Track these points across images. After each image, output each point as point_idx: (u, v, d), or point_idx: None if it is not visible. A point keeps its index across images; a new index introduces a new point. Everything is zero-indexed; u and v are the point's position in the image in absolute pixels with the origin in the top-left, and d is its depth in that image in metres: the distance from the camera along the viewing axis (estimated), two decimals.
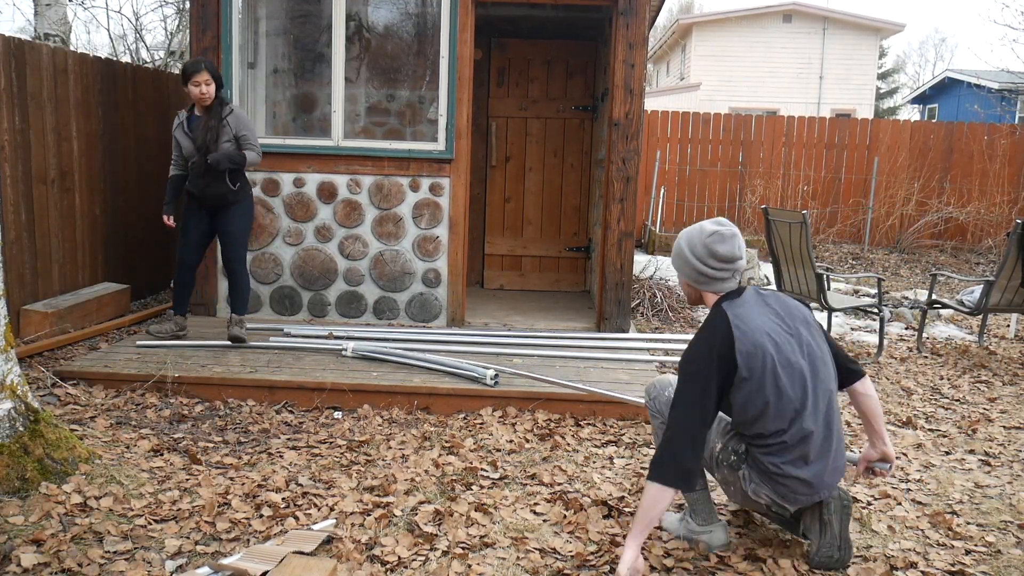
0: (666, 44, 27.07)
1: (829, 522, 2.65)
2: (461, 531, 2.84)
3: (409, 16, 6.44)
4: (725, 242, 2.56)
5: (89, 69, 5.70)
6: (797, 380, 2.50)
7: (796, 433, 2.51)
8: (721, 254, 2.56)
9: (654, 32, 26.02)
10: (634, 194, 5.58)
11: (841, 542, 2.66)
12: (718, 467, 2.72)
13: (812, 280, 5.69)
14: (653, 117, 11.85)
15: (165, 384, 4.26)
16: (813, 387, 2.53)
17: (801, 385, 2.50)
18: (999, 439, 4.17)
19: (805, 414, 2.50)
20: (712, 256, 2.57)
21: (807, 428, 2.51)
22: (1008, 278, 5.66)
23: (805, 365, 2.52)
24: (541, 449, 3.74)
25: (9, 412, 2.97)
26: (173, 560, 2.59)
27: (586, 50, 7.23)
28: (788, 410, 2.49)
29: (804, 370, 2.51)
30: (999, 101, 17.20)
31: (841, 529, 2.66)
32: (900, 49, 52.79)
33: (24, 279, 5.07)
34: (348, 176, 5.63)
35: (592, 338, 5.36)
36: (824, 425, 2.55)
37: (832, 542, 2.65)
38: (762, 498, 2.65)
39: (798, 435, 2.51)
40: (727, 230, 2.58)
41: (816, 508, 2.68)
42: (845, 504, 2.66)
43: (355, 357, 4.73)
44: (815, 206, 11.63)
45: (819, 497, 2.60)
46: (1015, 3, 23.40)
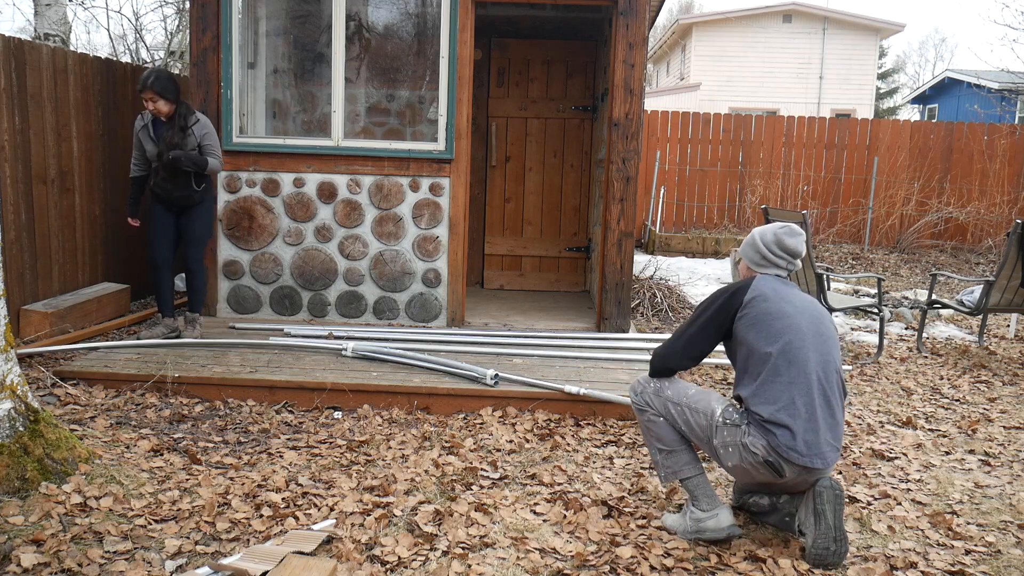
0: (666, 44, 27.07)
1: (823, 512, 2.68)
2: (461, 531, 2.84)
3: (409, 16, 6.45)
4: (793, 236, 2.92)
5: (89, 69, 5.70)
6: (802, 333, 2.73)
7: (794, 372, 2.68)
8: (787, 245, 2.90)
9: (654, 32, 26.03)
10: (634, 194, 5.58)
11: (836, 533, 2.68)
12: (718, 431, 2.78)
13: (812, 280, 5.69)
14: (653, 117, 11.85)
15: (165, 384, 4.26)
16: (817, 350, 2.73)
17: (804, 338, 2.73)
18: (999, 439, 4.17)
19: (805, 364, 2.69)
20: (778, 244, 2.91)
21: (809, 384, 2.68)
22: (1008, 278, 5.66)
23: (813, 333, 2.75)
24: (541, 449, 3.74)
25: (9, 412, 2.97)
26: (173, 560, 2.59)
27: (586, 50, 7.23)
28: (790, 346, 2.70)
29: (810, 335, 2.74)
30: (999, 101, 17.20)
31: (835, 519, 2.68)
32: (900, 49, 52.81)
33: (24, 279, 5.07)
34: (348, 176, 5.63)
35: (592, 338, 5.36)
36: (822, 394, 2.71)
37: (827, 533, 2.67)
38: (758, 451, 2.68)
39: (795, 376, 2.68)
40: (798, 229, 2.95)
41: (809, 499, 2.72)
42: (837, 494, 2.70)
43: (355, 357, 4.73)
44: (815, 206, 11.64)
45: (810, 463, 2.65)
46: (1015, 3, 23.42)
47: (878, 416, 4.48)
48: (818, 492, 2.69)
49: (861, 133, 11.79)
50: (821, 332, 2.78)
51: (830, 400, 2.72)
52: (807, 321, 2.77)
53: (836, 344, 2.84)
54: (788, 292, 2.85)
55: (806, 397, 2.67)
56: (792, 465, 2.67)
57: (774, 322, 2.75)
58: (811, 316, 2.80)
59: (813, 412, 2.67)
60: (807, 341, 2.73)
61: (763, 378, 2.72)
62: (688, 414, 2.86)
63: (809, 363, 2.70)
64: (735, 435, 2.74)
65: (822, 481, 2.71)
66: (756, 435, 2.70)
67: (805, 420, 2.66)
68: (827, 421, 2.70)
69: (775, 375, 2.70)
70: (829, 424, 2.70)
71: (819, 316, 2.83)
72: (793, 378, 2.69)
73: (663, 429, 2.92)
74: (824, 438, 2.68)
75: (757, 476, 2.78)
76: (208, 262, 5.69)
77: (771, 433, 2.67)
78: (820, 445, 2.66)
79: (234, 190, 5.65)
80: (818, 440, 2.66)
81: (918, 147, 11.69)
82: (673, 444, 2.91)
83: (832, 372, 2.76)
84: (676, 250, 10.81)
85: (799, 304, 2.81)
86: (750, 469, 2.75)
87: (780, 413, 2.66)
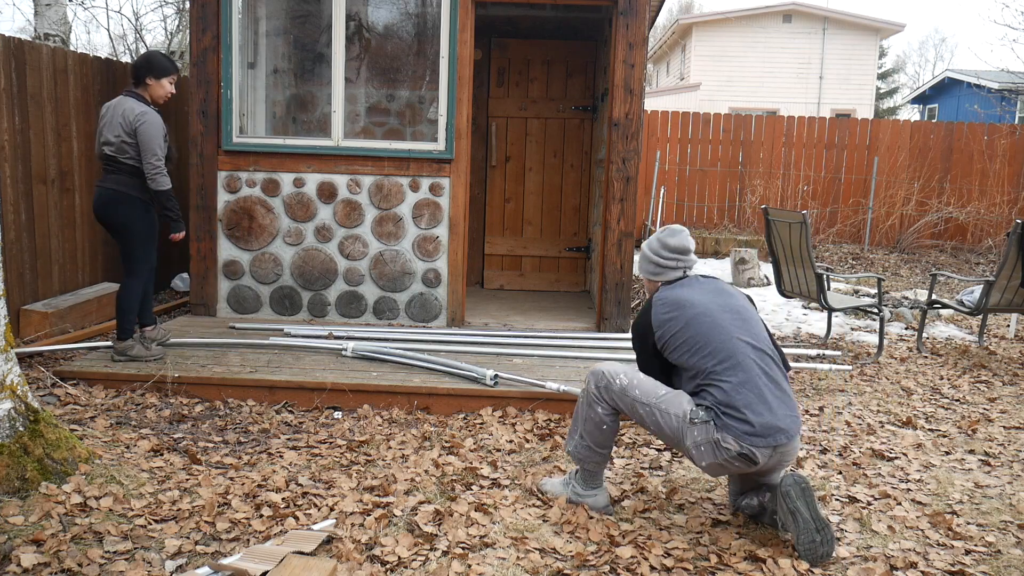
0: (666, 44, 27.07)
1: (796, 509, 2.72)
2: (461, 531, 2.84)
3: (409, 16, 6.45)
4: (675, 236, 3.02)
5: (89, 69, 5.70)
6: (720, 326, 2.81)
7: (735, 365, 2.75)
8: (670, 244, 3.00)
9: (654, 32, 26.03)
10: (634, 194, 5.58)
11: (816, 524, 2.71)
12: (690, 429, 2.79)
13: (812, 280, 5.69)
14: (653, 117, 11.85)
15: (165, 384, 4.26)
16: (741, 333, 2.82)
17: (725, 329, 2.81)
18: (999, 439, 4.17)
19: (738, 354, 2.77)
20: (663, 247, 3.01)
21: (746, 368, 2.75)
22: (1008, 278, 5.66)
23: (728, 317, 2.85)
24: (541, 449, 3.74)
25: (9, 412, 2.97)
26: (173, 560, 2.59)
27: (586, 50, 7.23)
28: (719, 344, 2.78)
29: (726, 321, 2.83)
30: (999, 101, 17.20)
31: (811, 512, 2.72)
32: (900, 49, 52.82)
33: (24, 279, 5.07)
34: (348, 176, 5.63)
35: (592, 338, 5.36)
36: (764, 374, 2.78)
37: (807, 526, 2.71)
38: (731, 446, 2.71)
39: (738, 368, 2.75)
40: (677, 227, 3.06)
41: (780, 500, 2.77)
42: (804, 487, 2.74)
43: (355, 357, 4.73)
44: (815, 206, 11.64)
45: (775, 442, 2.70)
46: (1015, 3, 23.43)
47: (878, 416, 4.48)
48: (784, 492, 2.75)
49: (861, 133, 11.79)
50: (739, 314, 2.87)
51: (773, 376, 2.80)
52: (722, 312, 2.85)
53: (757, 319, 2.93)
54: (688, 295, 2.91)
55: (751, 386, 2.74)
56: (761, 450, 2.72)
57: (692, 333, 2.81)
58: (721, 304, 2.88)
59: (763, 396, 2.73)
60: (728, 330, 2.81)
61: (704, 382, 2.79)
62: (658, 416, 2.85)
63: (740, 352, 2.78)
64: (706, 432, 2.76)
65: (785, 480, 2.77)
66: (723, 429, 2.74)
67: (757, 406, 2.72)
68: (777, 397, 2.76)
69: (714, 375, 2.77)
70: (780, 399, 2.77)
71: (729, 300, 2.91)
72: (730, 369, 2.75)
73: (603, 433, 3.00)
74: (779, 414, 2.74)
75: (732, 469, 2.82)
76: (208, 262, 5.70)
77: (734, 421, 2.72)
78: (777, 423, 2.72)
79: (234, 190, 5.65)
80: (775, 419, 2.72)
81: (918, 147, 11.69)
82: (601, 447, 3.02)
83: (764, 349, 2.84)
84: None
85: (704, 300, 2.88)
86: (725, 464, 2.78)
87: (731, 408, 2.72)
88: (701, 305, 2.86)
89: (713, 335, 2.79)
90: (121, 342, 4.48)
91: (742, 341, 2.80)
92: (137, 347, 4.51)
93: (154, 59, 4.45)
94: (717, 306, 2.87)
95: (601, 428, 2.99)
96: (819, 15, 23.54)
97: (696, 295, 2.90)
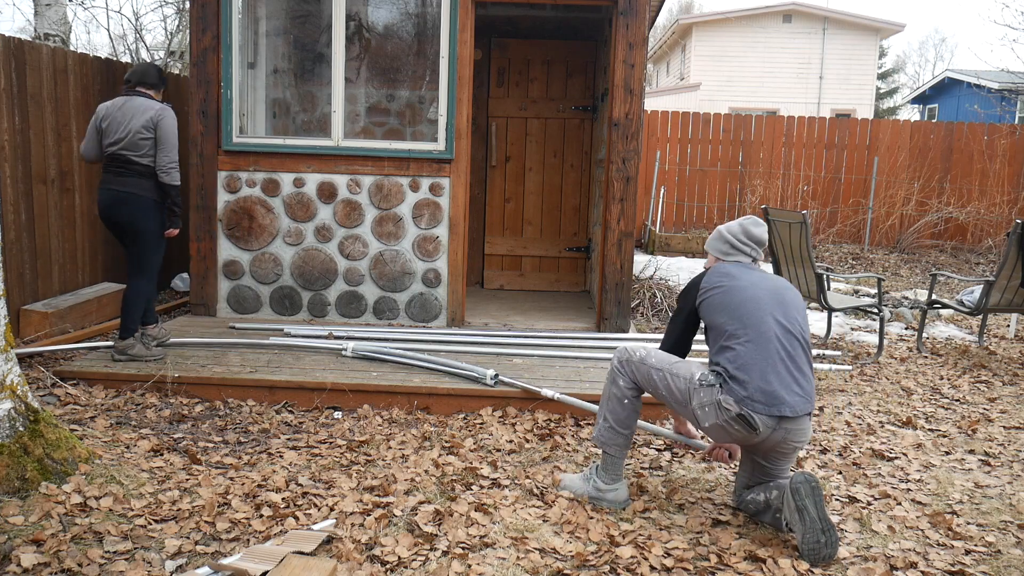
0: (666, 44, 27.07)
1: (804, 507, 2.73)
2: (461, 531, 2.84)
3: (409, 16, 6.45)
4: (758, 226, 3.15)
5: (89, 69, 5.70)
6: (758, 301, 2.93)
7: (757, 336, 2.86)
8: (752, 233, 3.13)
9: (654, 32, 26.04)
10: (634, 194, 5.58)
11: (822, 524, 2.71)
12: (696, 391, 2.92)
13: (812, 280, 5.69)
14: (653, 117, 11.85)
15: (165, 384, 4.26)
16: (776, 313, 2.92)
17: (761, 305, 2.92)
18: (999, 439, 4.17)
19: (763, 325, 2.88)
20: (744, 233, 3.14)
21: (767, 340, 2.85)
22: (1008, 278, 5.66)
23: (769, 298, 2.95)
24: (541, 449, 3.74)
25: (9, 412, 2.97)
26: (173, 560, 2.59)
27: (586, 50, 7.23)
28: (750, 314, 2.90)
29: (766, 300, 2.94)
30: (999, 101, 17.20)
31: (818, 511, 2.73)
32: (900, 49, 52.81)
33: (24, 279, 5.07)
34: (348, 176, 5.63)
35: (592, 338, 5.36)
36: (782, 348, 2.87)
37: (813, 525, 2.71)
38: (732, 407, 2.81)
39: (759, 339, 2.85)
40: (761, 222, 3.18)
41: (789, 497, 2.77)
42: (814, 486, 2.76)
43: (355, 357, 4.73)
44: (815, 206, 11.64)
45: (778, 411, 2.78)
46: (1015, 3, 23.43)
47: (878, 416, 4.48)
48: (794, 489, 2.76)
49: (861, 133, 11.79)
50: (783, 300, 2.98)
51: (793, 356, 2.88)
52: (766, 292, 2.97)
53: (802, 311, 3.02)
54: (749, 272, 3.05)
55: (767, 356, 2.83)
56: (761, 417, 2.79)
57: (731, 300, 2.96)
58: (773, 287, 3.00)
59: (775, 368, 2.82)
60: (764, 307, 2.92)
61: (725, 343, 2.92)
62: (669, 379, 3.01)
63: (766, 324, 2.88)
64: (711, 395, 2.88)
65: (795, 477, 2.78)
66: (728, 393, 2.85)
67: (767, 375, 2.81)
68: (791, 373, 2.85)
69: (735, 339, 2.89)
70: (793, 376, 2.85)
71: (782, 287, 3.03)
72: (751, 338, 2.87)
73: (624, 408, 3.12)
74: (787, 387, 2.82)
75: (734, 434, 2.88)
76: (208, 262, 5.70)
77: (741, 386, 2.82)
78: (782, 394, 2.80)
79: (234, 190, 5.65)
80: (781, 390, 2.80)
81: (918, 147, 11.69)
82: (622, 426, 3.12)
83: (794, 333, 2.92)
84: (676, 250, 10.81)
85: (759, 280, 3.02)
86: (726, 427, 2.86)
87: (739, 370, 2.84)
88: (748, 281, 3.01)
89: (748, 306, 2.93)
90: (122, 341, 4.48)
91: (773, 318, 2.91)
92: (138, 346, 4.51)
93: (157, 71, 4.57)
94: (764, 287, 3.00)
95: (623, 403, 3.12)
96: (819, 15, 23.54)
97: (749, 275, 3.05)
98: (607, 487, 3.12)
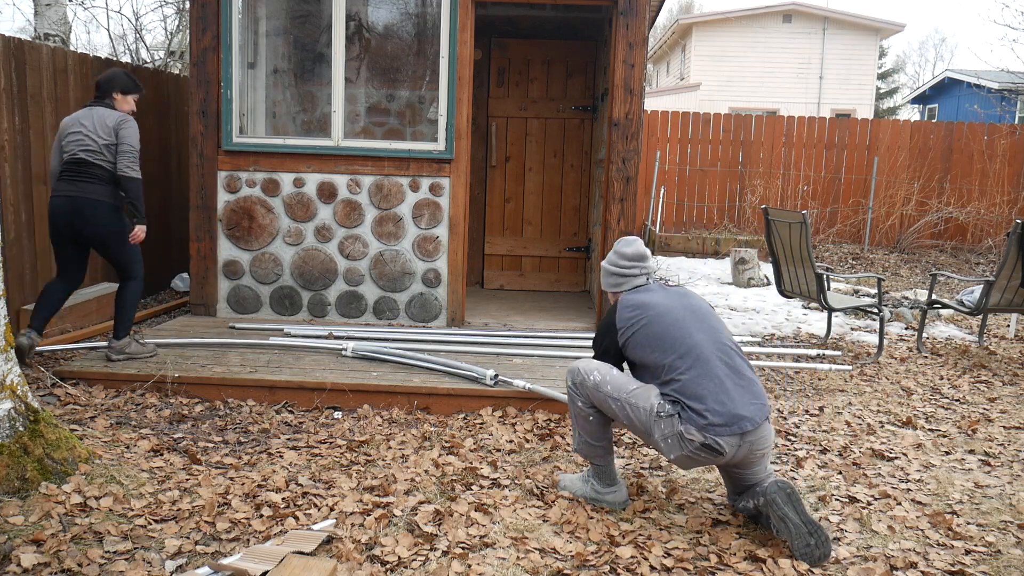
0: (666, 44, 27.07)
1: (785, 516, 2.74)
2: (461, 531, 2.84)
3: (409, 16, 6.45)
4: (630, 245, 3.16)
5: (89, 69, 5.70)
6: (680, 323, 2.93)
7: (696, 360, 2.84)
8: (628, 253, 3.13)
9: (654, 32, 26.03)
10: (634, 194, 5.58)
11: (808, 527, 2.72)
12: (656, 422, 2.87)
13: (812, 280, 5.69)
14: (653, 117, 11.85)
15: (165, 384, 4.26)
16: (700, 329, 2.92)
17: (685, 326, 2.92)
18: (999, 439, 4.17)
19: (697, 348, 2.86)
20: (621, 257, 3.14)
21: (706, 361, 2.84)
22: (1008, 278, 5.66)
23: (688, 315, 2.96)
24: (541, 449, 3.74)
25: (9, 412, 2.97)
26: (173, 560, 2.59)
27: (586, 50, 7.23)
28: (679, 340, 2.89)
29: (686, 318, 2.95)
30: (999, 101, 17.19)
31: (800, 516, 2.73)
32: (900, 49, 52.82)
33: (24, 279, 5.07)
34: (348, 176, 5.63)
35: (592, 338, 5.35)
36: (724, 364, 2.86)
37: (799, 531, 2.72)
38: (695, 437, 2.77)
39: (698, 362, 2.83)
40: (630, 238, 3.20)
41: (771, 508, 2.77)
42: (789, 492, 2.76)
43: (355, 357, 4.73)
44: (815, 206, 11.64)
45: (740, 429, 2.75)
46: (1015, 3, 23.42)
47: (878, 416, 4.48)
48: (771, 501, 2.76)
49: (861, 133, 11.79)
50: (698, 312, 2.99)
51: (734, 366, 2.87)
52: (682, 310, 2.97)
53: (718, 319, 3.04)
54: (654, 294, 3.04)
55: (711, 376, 2.81)
56: (725, 439, 2.76)
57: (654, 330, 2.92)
58: (683, 304, 3.01)
59: (723, 386, 2.80)
60: (688, 327, 2.91)
61: (667, 377, 2.87)
62: (628, 410, 2.94)
63: (699, 346, 2.87)
64: (672, 426, 2.83)
65: (769, 488, 2.77)
66: (688, 422, 2.80)
67: (718, 395, 2.78)
68: (740, 386, 2.83)
69: (675, 371, 2.85)
70: (742, 387, 2.83)
71: (690, 301, 3.04)
72: (691, 364, 2.83)
73: (591, 424, 3.08)
74: (741, 402, 2.79)
75: (700, 461, 2.86)
76: (208, 262, 5.70)
77: (698, 415, 2.77)
78: (739, 411, 2.77)
79: (234, 190, 5.65)
80: (736, 408, 2.77)
81: (918, 147, 11.69)
82: (596, 439, 3.10)
83: (725, 342, 2.94)
84: (676, 250, 10.81)
85: (669, 300, 3.01)
86: (692, 456, 2.83)
87: (692, 400, 2.79)
88: (663, 305, 2.99)
89: (673, 331, 2.91)
90: (118, 341, 4.48)
91: (701, 335, 2.90)
92: (134, 344, 4.53)
93: (121, 76, 4.44)
94: (678, 306, 2.99)
95: (588, 420, 3.08)
96: (819, 15, 23.54)
97: (658, 297, 3.03)
98: (605, 490, 3.13)
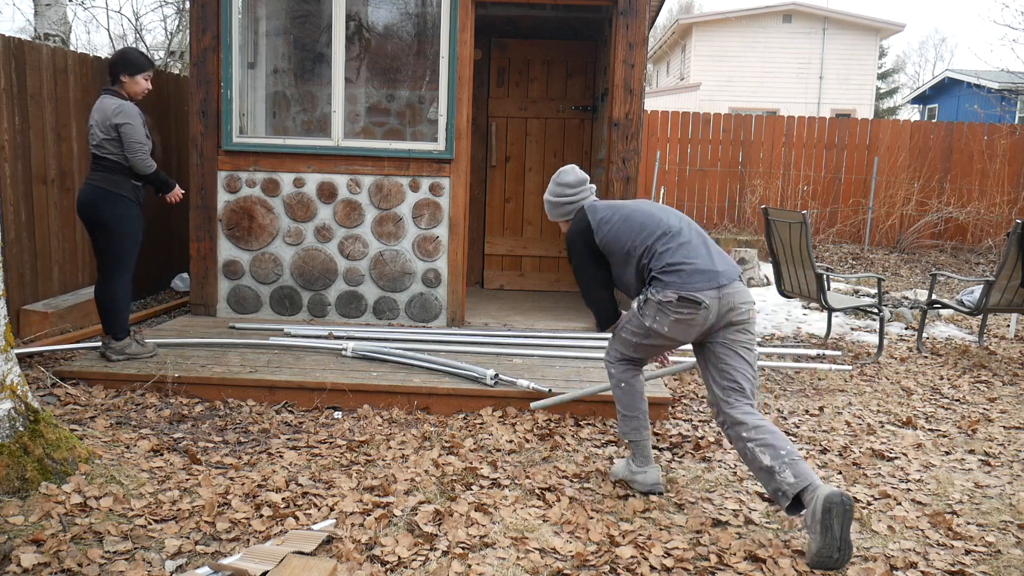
0: (666, 44, 27.07)
1: (830, 526, 2.62)
2: (461, 531, 2.84)
3: (409, 16, 6.45)
4: (567, 174, 3.36)
5: (89, 69, 5.70)
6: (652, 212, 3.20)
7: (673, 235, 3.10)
8: (569, 181, 3.34)
9: (654, 32, 26.03)
10: (634, 194, 5.58)
11: (841, 543, 2.63)
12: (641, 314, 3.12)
13: (812, 280, 5.69)
14: (653, 117, 11.85)
15: (165, 384, 4.26)
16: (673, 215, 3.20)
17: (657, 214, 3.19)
18: (999, 439, 4.17)
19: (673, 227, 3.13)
20: (564, 186, 3.34)
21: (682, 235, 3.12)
22: (1008, 278, 5.66)
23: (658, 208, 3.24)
24: (541, 449, 3.74)
25: (9, 412, 2.97)
26: (173, 560, 2.59)
27: (586, 50, 7.23)
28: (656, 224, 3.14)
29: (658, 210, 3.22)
30: (999, 101, 17.19)
31: (842, 531, 2.63)
32: (900, 49, 52.82)
33: (24, 279, 5.07)
34: (348, 176, 5.63)
35: (592, 338, 5.36)
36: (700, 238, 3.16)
37: (832, 543, 2.63)
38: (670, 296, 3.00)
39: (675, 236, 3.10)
40: (566, 167, 3.39)
41: (819, 509, 2.64)
42: (847, 508, 2.63)
43: (355, 357, 4.73)
44: (815, 206, 11.63)
45: (715, 282, 3.00)
46: (1015, 3, 23.42)
47: (878, 416, 4.48)
48: (827, 507, 2.63)
49: (861, 133, 11.79)
50: (667, 208, 3.27)
51: (707, 242, 3.16)
52: (650, 205, 3.26)
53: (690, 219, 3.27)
54: (616, 202, 3.32)
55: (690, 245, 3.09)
56: (704, 292, 2.98)
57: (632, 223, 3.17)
58: (651, 203, 3.29)
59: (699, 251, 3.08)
60: (658, 214, 3.18)
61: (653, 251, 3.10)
62: (628, 328, 3.20)
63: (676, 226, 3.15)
64: (650, 306, 3.08)
65: (832, 495, 2.64)
66: (673, 287, 3.01)
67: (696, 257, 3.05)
68: (715, 252, 3.12)
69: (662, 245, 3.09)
70: (717, 254, 3.12)
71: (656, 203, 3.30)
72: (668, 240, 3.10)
73: (623, 393, 3.29)
74: (716, 263, 3.07)
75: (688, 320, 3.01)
76: (208, 262, 5.70)
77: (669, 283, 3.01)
78: (715, 267, 3.04)
79: (234, 190, 5.65)
80: (713, 265, 3.05)
81: (918, 147, 11.69)
82: (629, 410, 3.29)
83: (696, 226, 3.22)
84: None
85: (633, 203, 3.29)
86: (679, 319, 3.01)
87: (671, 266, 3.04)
88: (634, 202, 3.28)
89: (650, 220, 3.16)
90: (119, 341, 4.47)
91: (674, 219, 3.18)
92: (134, 344, 4.52)
93: (128, 55, 4.36)
94: (648, 203, 3.29)
95: (620, 388, 3.29)
96: (819, 15, 23.54)
97: (622, 201, 3.31)
98: (638, 470, 3.28)
